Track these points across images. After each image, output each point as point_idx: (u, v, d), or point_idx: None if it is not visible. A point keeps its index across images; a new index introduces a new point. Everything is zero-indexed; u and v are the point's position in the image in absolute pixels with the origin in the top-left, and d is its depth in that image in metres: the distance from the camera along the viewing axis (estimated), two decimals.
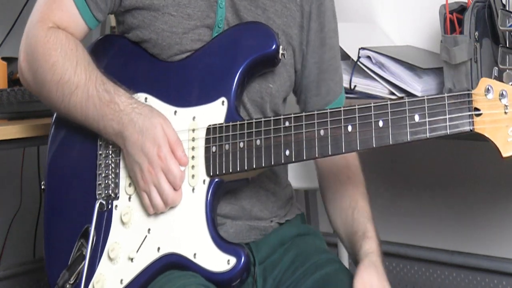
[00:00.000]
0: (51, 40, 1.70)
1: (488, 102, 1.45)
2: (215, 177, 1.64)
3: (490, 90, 1.45)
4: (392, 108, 1.51)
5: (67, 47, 1.70)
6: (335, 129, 1.54)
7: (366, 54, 2.57)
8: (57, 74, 1.68)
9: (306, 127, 1.57)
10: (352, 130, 1.53)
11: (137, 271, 1.65)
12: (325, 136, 1.55)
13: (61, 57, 1.69)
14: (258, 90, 1.73)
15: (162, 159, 1.62)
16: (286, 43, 1.75)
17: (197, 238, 1.62)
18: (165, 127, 1.64)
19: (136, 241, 1.66)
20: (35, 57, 1.71)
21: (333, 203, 1.80)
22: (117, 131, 1.65)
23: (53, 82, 1.69)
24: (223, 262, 1.59)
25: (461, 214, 2.88)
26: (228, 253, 1.59)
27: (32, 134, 1.99)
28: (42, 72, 1.70)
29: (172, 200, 1.63)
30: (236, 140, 1.62)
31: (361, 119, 1.52)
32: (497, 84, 1.45)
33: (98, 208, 1.69)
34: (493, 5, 2.37)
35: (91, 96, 1.66)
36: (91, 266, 1.67)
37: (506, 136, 1.43)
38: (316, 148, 1.56)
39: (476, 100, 1.45)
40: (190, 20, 1.71)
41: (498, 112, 1.44)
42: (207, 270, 1.60)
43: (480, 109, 1.45)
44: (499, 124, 1.44)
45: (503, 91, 1.44)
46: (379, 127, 1.51)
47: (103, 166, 1.72)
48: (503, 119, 1.44)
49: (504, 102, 1.44)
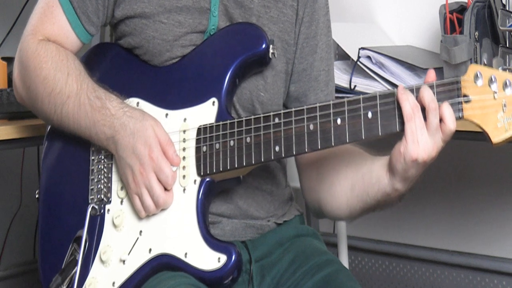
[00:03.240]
0: (42, 53, 1.71)
1: (478, 89, 1.42)
2: (206, 177, 1.64)
3: (479, 76, 1.42)
4: (381, 99, 1.50)
5: (58, 58, 1.71)
6: (325, 123, 1.54)
7: (366, 54, 2.57)
8: (49, 87, 1.69)
9: (296, 123, 1.57)
10: (341, 123, 1.52)
11: (128, 273, 1.64)
12: (315, 131, 1.55)
13: (52, 69, 1.70)
14: (249, 98, 1.73)
15: (154, 160, 1.62)
16: (282, 49, 1.75)
17: (188, 238, 1.62)
18: (156, 129, 1.64)
19: (128, 244, 1.66)
20: (27, 72, 1.73)
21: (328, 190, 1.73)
22: (108, 136, 1.66)
23: (45, 94, 1.70)
24: (214, 260, 1.59)
25: (461, 214, 2.88)
26: (219, 251, 1.59)
27: (32, 134, 1.99)
28: (34, 86, 1.72)
29: (163, 201, 1.63)
30: (226, 139, 1.63)
31: (350, 111, 1.52)
32: (486, 70, 1.43)
33: (90, 213, 1.69)
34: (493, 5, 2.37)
35: (82, 104, 1.67)
36: (84, 270, 1.67)
37: (496, 121, 1.40)
38: (305, 143, 1.56)
39: (465, 87, 1.43)
40: (181, 27, 1.72)
41: (487, 97, 1.41)
42: (198, 269, 1.60)
43: (469, 95, 1.43)
44: (488, 110, 1.41)
45: (492, 77, 1.41)
46: (368, 118, 1.50)
47: (96, 171, 1.72)
48: (492, 105, 1.41)
49: (493, 88, 1.41)
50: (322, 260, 1.73)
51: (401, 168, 1.49)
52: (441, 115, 1.45)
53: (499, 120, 1.40)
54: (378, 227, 3.08)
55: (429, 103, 1.45)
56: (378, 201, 1.59)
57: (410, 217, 2.99)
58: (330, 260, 1.74)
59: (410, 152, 1.46)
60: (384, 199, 1.58)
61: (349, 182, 1.64)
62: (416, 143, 1.46)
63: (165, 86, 1.72)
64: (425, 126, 1.45)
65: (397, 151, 1.49)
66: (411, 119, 1.45)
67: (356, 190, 1.63)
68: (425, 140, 1.46)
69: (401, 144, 1.47)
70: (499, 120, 1.40)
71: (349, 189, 1.64)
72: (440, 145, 1.48)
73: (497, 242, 2.81)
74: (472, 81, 1.43)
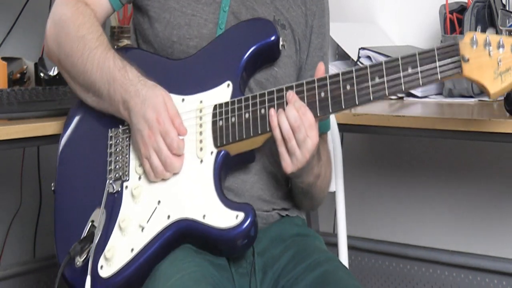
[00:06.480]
0: (80, 9, 1.83)
1: (474, 49, 1.58)
2: (222, 149, 1.70)
3: (475, 40, 1.58)
4: (387, 65, 1.62)
5: (94, 21, 1.82)
6: (335, 90, 1.65)
7: (366, 54, 2.57)
8: (82, 31, 1.79)
9: (307, 91, 1.67)
10: (350, 88, 1.64)
11: (147, 239, 1.68)
12: (325, 97, 1.65)
13: (89, 22, 1.81)
14: (264, 72, 1.81)
15: (161, 123, 1.69)
16: (291, 37, 1.86)
17: (206, 202, 1.67)
18: (166, 98, 1.72)
19: (146, 213, 1.70)
20: (63, 19, 1.82)
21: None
22: (124, 99, 1.73)
23: (77, 37, 1.79)
24: (232, 217, 1.64)
25: (461, 214, 2.88)
26: (237, 210, 1.65)
27: (32, 134, 1.99)
28: (67, 28, 1.81)
29: (170, 163, 1.70)
30: (241, 111, 1.70)
31: (358, 77, 1.64)
32: (481, 34, 1.59)
33: (108, 190, 1.74)
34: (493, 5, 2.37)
35: (107, 58, 1.76)
36: (102, 241, 1.70)
37: (492, 76, 1.57)
38: (317, 109, 1.66)
39: (463, 49, 1.58)
40: (198, 3, 1.83)
41: (483, 55, 1.57)
42: (216, 228, 1.64)
43: (467, 55, 1.58)
44: (485, 66, 1.57)
45: (487, 38, 1.58)
46: (375, 81, 1.62)
47: (113, 153, 1.78)
48: (487, 61, 1.57)
49: (488, 48, 1.57)
50: (322, 257, 1.75)
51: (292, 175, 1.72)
52: (306, 131, 1.65)
53: (494, 73, 1.57)
54: (378, 227, 3.08)
55: (293, 124, 1.64)
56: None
57: (410, 217, 2.99)
58: (330, 258, 1.76)
59: (285, 169, 1.68)
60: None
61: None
62: (287, 161, 1.67)
63: (181, 76, 1.80)
64: (295, 145, 1.66)
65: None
66: (281, 144, 1.66)
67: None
68: (294, 155, 1.66)
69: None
70: (495, 74, 1.57)
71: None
72: (311, 150, 1.66)
73: (497, 242, 2.81)
74: (469, 44, 1.59)
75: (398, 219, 3.03)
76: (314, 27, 1.89)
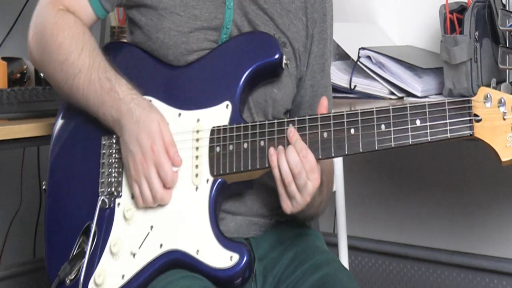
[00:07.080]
0: (60, 21, 1.73)
1: (487, 109, 1.48)
2: (218, 177, 1.65)
3: (489, 97, 1.48)
4: (394, 112, 1.54)
5: (75, 30, 1.73)
6: (338, 132, 1.57)
7: (366, 54, 2.57)
8: (63, 55, 1.71)
9: (310, 129, 1.60)
10: (354, 133, 1.56)
11: (139, 267, 1.65)
12: (328, 138, 1.58)
13: (68, 38, 1.72)
14: (263, 93, 1.75)
15: (155, 153, 1.64)
16: (291, 54, 1.78)
17: (200, 235, 1.63)
18: (161, 124, 1.66)
19: (138, 238, 1.67)
20: (43, 36, 1.74)
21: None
22: (115, 119, 1.67)
23: (58, 62, 1.72)
24: (226, 258, 1.60)
25: (461, 214, 2.88)
26: (231, 250, 1.60)
27: (32, 134, 1.99)
28: (48, 51, 1.74)
29: (160, 196, 1.65)
30: (240, 140, 1.64)
31: (363, 122, 1.55)
32: (496, 92, 1.49)
33: (100, 205, 1.70)
34: (493, 5, 2.37)
35: (92, 82, 1.68)
36: (92, 262, 1.67)
37: (505, 142, 1.47)
38: (319, 150, 1.58)
39: (476, 107, 1.49)
40: (196, 20, 1.73)
41: (497, 118, 1.47)
42: (210, 266, 1.61)
43: (480, 115, 1.49)
44: (498, 130, 1.47)
45: (502, 99, 1.47)
46: (381, 130, 1.54)
47: (106, 165, 1.73)
48: (501, 125, 1.47)
49: (502, 109, 1.47)
50: (322, 259, 1.74)
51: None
52: (307, 174, 1.58)
53: (508, 141, 1.47)
54: (378, 227, 3.08)
55: (294, 169, 1.57)
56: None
57: (410, 217, 2.99)
58: (330, 259, 1.75)
59: (285, 210, 1.61)
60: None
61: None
62: (287, 203, 1.60)
63: (178, 86, 1.74)
64: (295, 189, 1.59)
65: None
66: (281, 184, 1.59)
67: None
68: (295, 198, 1.60)
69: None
70: (508, 141, 1.46)
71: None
72: (312, 193, 1.59)
73: (497, 242, 2.81)
74: (482, 102, 1.48)
75: (398, 219, 3.03)
76: (315, 35, 1.81)
